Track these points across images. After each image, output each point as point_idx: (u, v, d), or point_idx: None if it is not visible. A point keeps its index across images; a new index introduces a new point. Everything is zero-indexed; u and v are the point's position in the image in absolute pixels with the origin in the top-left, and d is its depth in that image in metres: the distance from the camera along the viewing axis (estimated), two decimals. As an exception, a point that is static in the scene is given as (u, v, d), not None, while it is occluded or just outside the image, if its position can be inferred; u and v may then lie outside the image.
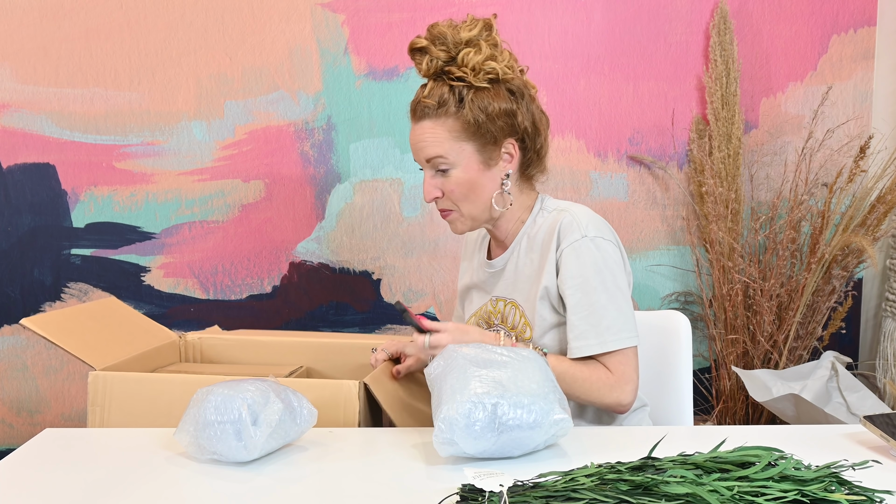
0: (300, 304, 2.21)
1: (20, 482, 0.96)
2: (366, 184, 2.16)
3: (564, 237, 1.21)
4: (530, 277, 1.26)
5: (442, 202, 1.24)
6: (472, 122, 1.19)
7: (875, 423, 1.02)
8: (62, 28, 2.10)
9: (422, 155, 1.22)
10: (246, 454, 0.98)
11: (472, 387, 0.97)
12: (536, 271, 1.25)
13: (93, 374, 1.26)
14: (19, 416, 2.25)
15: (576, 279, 1.18)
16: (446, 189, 1.22)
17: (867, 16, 2.09)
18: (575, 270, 1.18)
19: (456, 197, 1.23)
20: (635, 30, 2.10)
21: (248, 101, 2.13)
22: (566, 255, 1.19)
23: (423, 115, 1.21)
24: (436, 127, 1.20)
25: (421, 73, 1.22)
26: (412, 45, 1.21)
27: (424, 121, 1.21)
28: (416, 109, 1.23)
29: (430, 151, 1.21)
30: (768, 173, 2.15)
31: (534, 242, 1.27)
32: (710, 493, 0.78)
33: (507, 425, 0.96)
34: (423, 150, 1.21)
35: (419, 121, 1.22)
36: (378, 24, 2.10)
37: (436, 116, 1.20)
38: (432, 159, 1.21)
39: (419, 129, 1.22)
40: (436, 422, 0.97)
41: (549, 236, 1.24)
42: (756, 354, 2.07)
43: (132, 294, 2.19)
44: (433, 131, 1.20)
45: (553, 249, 1.22)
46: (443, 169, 1.21)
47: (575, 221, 1.21)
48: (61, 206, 2.17)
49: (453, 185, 1.22)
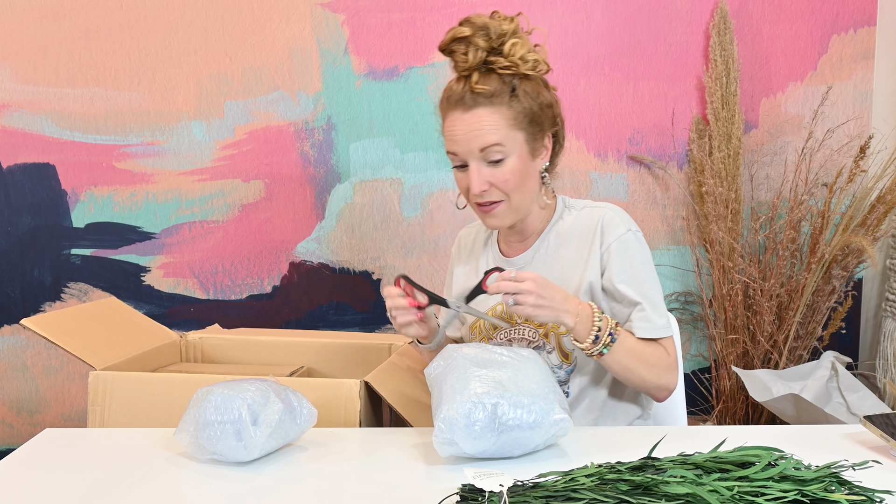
0: (300, 304, 2.21)
1: (20, 482, 0.96)
2: (366, 184, 2.16)
3: (610, 232, 1.23)
4: (564, 272, 1.26)
5: (489, 193, 1.20)
6: (527, 110, 1.19)
7: (875, 423, 1.02)
8: (62, 28, 2.10)
9: (476, 143, 1.17)
10: (246, 454, 0.98)
11: (472, 387, 0.97)
12: (572, 267, 1.25)
13: (93, 374, 1.26)
14: (19, 416, 2.25)
15: (627, 271, 1.22)
16: (498, 179, 1.19)
17: (867, 16, 2.09)
18: (626, 263, 1.22)
19: (509, 187, 1.19)
20: (635, 30, 2.10)
21: (248, 101, 2.13)
22: (615, 249, 1.22)
23: (475, 104, 1.17)
24: (493, 114, 1.17)
25: (463, 64, 1.18)
26: (454, 34, 1.17)
27: (478, 109, 1.17)
28: (463, 98, 1.17)
29: (487, 139, 1.16)
30: (768, 173, 2.15)
31: (566, 238, 1.27)
32: (710, 493, 0.78)
33: (507, 425, 0.96)
34: (479, 138, 1.16)
35: (470, 109, 1.17)
36: (378, 24, 2.10)
37: (491, 104, 1.17)
38: (488, 148, 1.17)
39: (472, 118, 1.17)
40: (436, 422, 0.97)
41: (588, 232, 1.25)
42: (756, 354, 2.07)
43: (132, 294, 2.19)
44: (490, 118, 1.16)
45: (597, 245, 1.23)
46: (496, 159, 1.18)
47: (617, 216, 1.24)
48: (61, 206, 2.17)
49: (508, 175, 1.19)
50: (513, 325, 1.28)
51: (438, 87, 2.10)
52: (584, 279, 1.23)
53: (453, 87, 1.20)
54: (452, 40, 1.18)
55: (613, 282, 1.22)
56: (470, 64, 1.17)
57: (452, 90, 1.20)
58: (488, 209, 1.22)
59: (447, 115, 1.20)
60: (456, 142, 1.19)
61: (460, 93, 1.18)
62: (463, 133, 1.18)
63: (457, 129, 1.18)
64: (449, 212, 2.16)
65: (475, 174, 1.18)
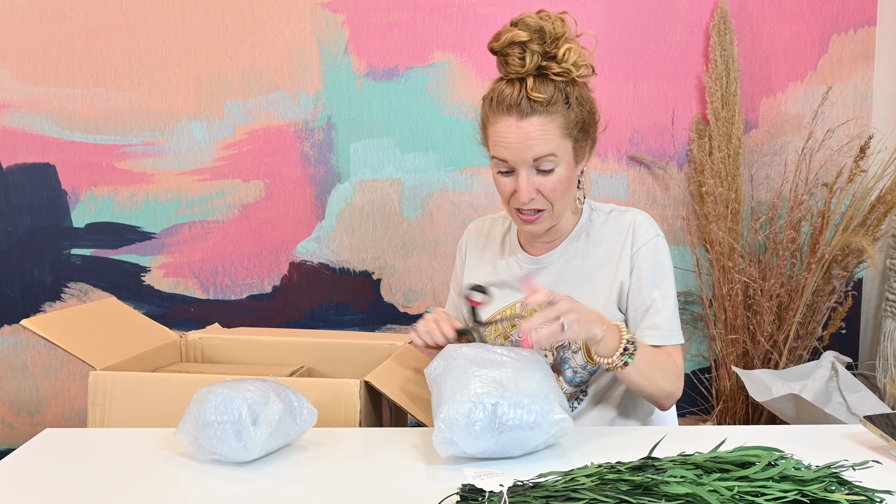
0: (300, 304, 2.21)
1: (20, 482, 0.96)
2: (366, 184, 2.16)
3: (641, 236, 1.25)
4: (593, 273, 1.27)
5: (535, 202, 1.18)
6: (578, 118, 1.17)
7: (875, 423, 1.02)
8: (62, 28, 2.10)
9: (530, 153, 1.14)
10: (246, 454, 0.98)
11: (472, 387, 0.97)
12: (602, 268, 1.26)
13: (93, 374, 1.26)
14: (19, 416, 2.25)
15: (654, 274, 1.24)
16: (546, 188, 1.17)
17: (867, 16, 2.09)
18: (654, 266, 1.24)
19: (556, 196, 1.18)
20: (635, 30, 2.10)
21: (248, 101, 2.13)
22: (645, 252, 1.24)
23: (531, 112, 1.13)
24: (547, 124, 1.14)
25: (518, 69, 1.14)
26: (512, 38, 1.12)
27: (534, 117, 1.14)
28: (519, 105, 1.14)
29: (541, 149, 1.14)
30: (768, 173, 2.15)
31: (596, 240, 1.28)
32: (710, 493, 0.78)
33: (508, 425, 0.96)
34: (533, 147, 1.14)
35: (526, 117, 1.14)
36: (378, 24, 2.10)
37: (546, 113, 1.14)
38: (541, 157, 1.15)
39: (528, 126, 1.14)
40: (436, 422, 0.97)
41: (618, 234, 1.27)
42: (756, 354, 2.07)
43: (132, 294, 2.19)
44: (545, 128, 1.14)
45: (628, 247, 1.25)
46: (548, 168, 1.17)
47: (647, 221, 1.27)
48: (61, 206, 2.17)
49: (556, 184, 1.17)
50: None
51: (438, 87, 2.12)
52: (615, 280, 1.25)
53: (505, 91, 1.15)
54: (510, 44, 1.13)
55: (638, 284, 1.24)
56: (526, 69, 1.14)
57: (504, 94, 1.15)
58: (532, 218, 1.20)
59: (497, 119, 1.16)
60: (508, 149, 1.16)
61: (515, 99, 1.14)
62: (518, 142, 1.15)
63: (510, 136, 1.15)
64: (449, 212, 2.16)
65: (525, 182, 1.16)
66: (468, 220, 2.16)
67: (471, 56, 2.10)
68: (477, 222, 1.43)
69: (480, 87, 2.11)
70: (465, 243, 1.42)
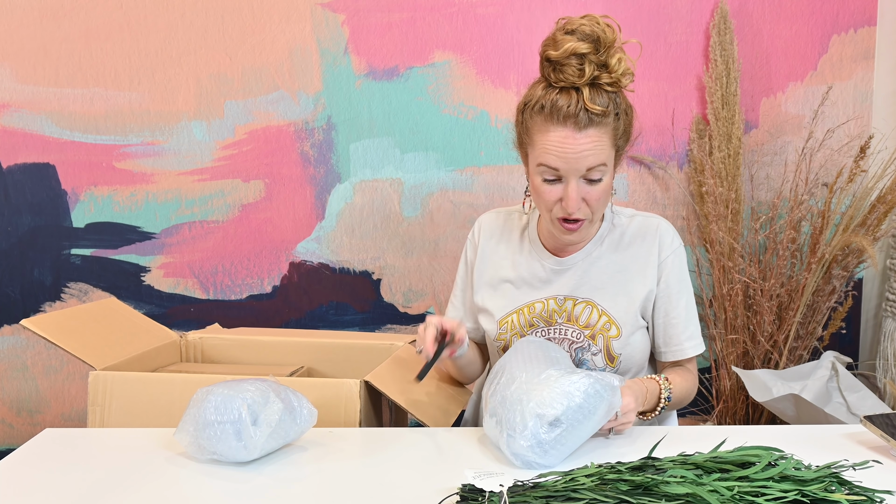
0: (300, 304, 2.21)
1: (20, 482, 0.96)
2: (366, 184, 2.16)
3: (667, 244, 1.28)
4: (616, 277, 1.28)
5: (579, 211, 1.18)
6: (624, 128, 1.19)
7: (875, 423, 1.02)
8: (62, 28, 2.10)
9: (584, 164, 1.14)
10: (246, 454, 0.98)
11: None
12: (625, 272, 1.28)
13: (93, 374, 1.26)
14: (19, 416, 2.25)
15: (680, 283, 1.28)
16: (592, 198, 1.17)
17: (867, 16, 2.09)
18: (681, 275, 1.29)
19: (598, 205, 1.19)
20: (635, 30, 2.10)
21: (248, 101, 2.13)
22: (671, 261, 1.28)
23: (588, 124, 1.13)
24: (602, 136, 1.15)
25: (575, 79, 1.13)
26: (573, 50, 1.11)
27: (591, 129, 1.13)
28: (576, 117, 1.13)
29: (594, 161, 1.15)
30: (768, 173, 2.15)
31: (619, 244, 1.30)
32: (710, 493, 0.78)
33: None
34: (587, 159, 1.14)
35: (583, 129, 1.13)
36: (378, 24, 2.10)
37: (600, 125, 1.14)
38: (594, 168, 1.15)
39: (585, 138, 1.13)
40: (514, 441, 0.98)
41: (642, 240, 1.28)
42: (756, 354, 2.07)
43: (132, 294, 2.19)
44: (599, 141, 1.14)
45: (655, 254, 1.28)
46: (597, 178, 1.16)
47: (671, 230, 1.30)
48: (61, 206, 2.17)
49: (601, 193, 1.18)
50: (552, 323, 1.28)
51: (438, 87, 2.12)
52: (643, 287, 1.27)
53: (560, 101, 1.13)
54: (571, 55, 1.12)
55: (670, 294, 1.27)
56: (583, 80, 1.13)
57: (559, 104, 1.13)
58: (574, 227, 1.21)
59: (550, 128, 1.15)
60: (563, 160, 1.14)
61: (573, 110, 1.13)
62: (574, 154, 1.14)
63: (567, 147, 1.14)
64: (449, 212, 2.16)
65: (574, 191, 1.16)
66: (468, 220, 2.17)
67: (471, 56, 2.10)
68: (490, 214, 1.41)
69: (480, 87, 2.11)
70: (477, 235, 1.40)
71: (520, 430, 0.96)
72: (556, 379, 0.99)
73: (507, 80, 2.11)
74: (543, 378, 1.00)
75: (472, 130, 2.13)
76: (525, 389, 0.99)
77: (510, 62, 2.10)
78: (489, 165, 2.14)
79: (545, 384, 0.99)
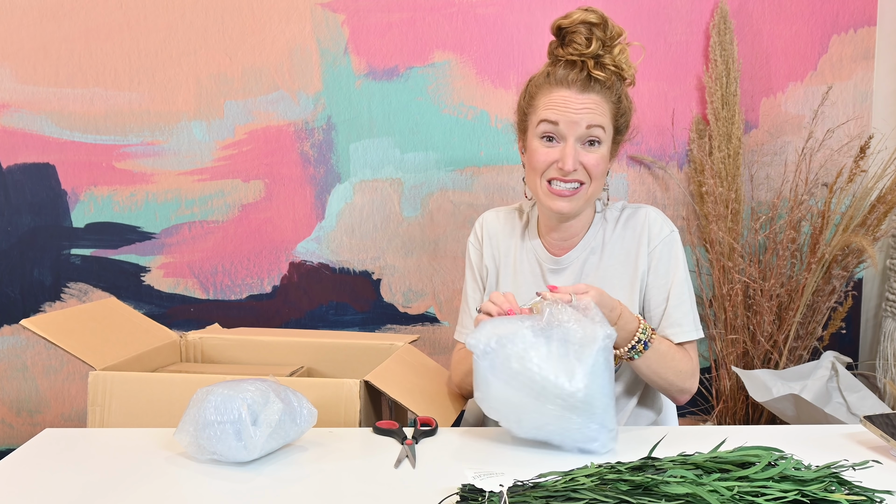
0: (300, 304, 2.21)
1: (20, 482, 0.96)
2: (366, 184, 2.16)
3: (656, 234, 1.28)
4: (612, 271, 1.29)
5: (577, 174, 1.22)
6: (623, 111, 1.24)
7: (875, 423, 1.02)
8: (62, 28, 2.10)
9: (586, 121, 1.19)
10: (246, 454, 0.98)
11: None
12: (618, 265, 1.29)
13: (93, 374, 1.26)
14: (19, 416, 2.25)
15: (671, 271, 1.27)
16: (589, 162, 1.21)
17: (867, 16, 2.09)
18: (671, 263, 1.28)
19: (595, 173, 1.22)
20: (635, 30, 2.10)
21: (248, 101, 2.13)
22: (661, 249, 1.27)
23: (591, 89, 1.20)
24: (602, 103, 1.20)
25: (581, 49, 1.19)
26: (584, 18, 1.18)
27: (593, 94, 1.20)
28: (579, 81, 1.19)
29: (595, 120, 1.20)
30: (768, 173, 2.15)
31: (612, 238, 1.30)
32: (710, 493, 0.78)
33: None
34: (587, 116, 1.19)
35: (585, 92, 1.19)
36: (378, 24, 2.10)
37: (603, 94, 1.20)
38: (593, 127, 1.20)
39: (586, 99, 1.19)
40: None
41: (633, 232, 1.29)
42: (756, 354, 2.07)
43: (132, 294, 2.19)
44: (600, 106, 1.20)
45: (644, 244, 1.28)
46: (596, 140, 1.21)
47: (660, 216, 1.30)
48: (61, 206, 2.17)
49: (597, 160, 1.21)
50: None
51: (438, 87, 2.12)
52: (635, 279, 1.27)
53: (561, 71, 1.20)
54: (581, 22, 1.18)
55: (655, 282, 1.27)
56: (590, 52, 1.18)
57: (561, 73, 1.20)
58: (568, 193, 1.22)
59: (553, 90, 1.21)
60: (564, 114, 1.19)
61: (577, 75, 1.19)
62: (576, 109, 1.19)
63: (569, 104, 1.19)
64: (449, 212, 2.16)
65: (571, 149, 1.20)
66: (468, 220, 2.17)
67: (471, 56, 2.10)
68: (490, 214, 1.43)
69: (480, 87, 2.11)
70: (480, 234, 1.41)
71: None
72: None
73: (507, 80, 2.11)
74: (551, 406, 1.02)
75: (472, 130, 2.13)
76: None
77: (510, 62, 2.10)
78: (489, 165, 2.14)
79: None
